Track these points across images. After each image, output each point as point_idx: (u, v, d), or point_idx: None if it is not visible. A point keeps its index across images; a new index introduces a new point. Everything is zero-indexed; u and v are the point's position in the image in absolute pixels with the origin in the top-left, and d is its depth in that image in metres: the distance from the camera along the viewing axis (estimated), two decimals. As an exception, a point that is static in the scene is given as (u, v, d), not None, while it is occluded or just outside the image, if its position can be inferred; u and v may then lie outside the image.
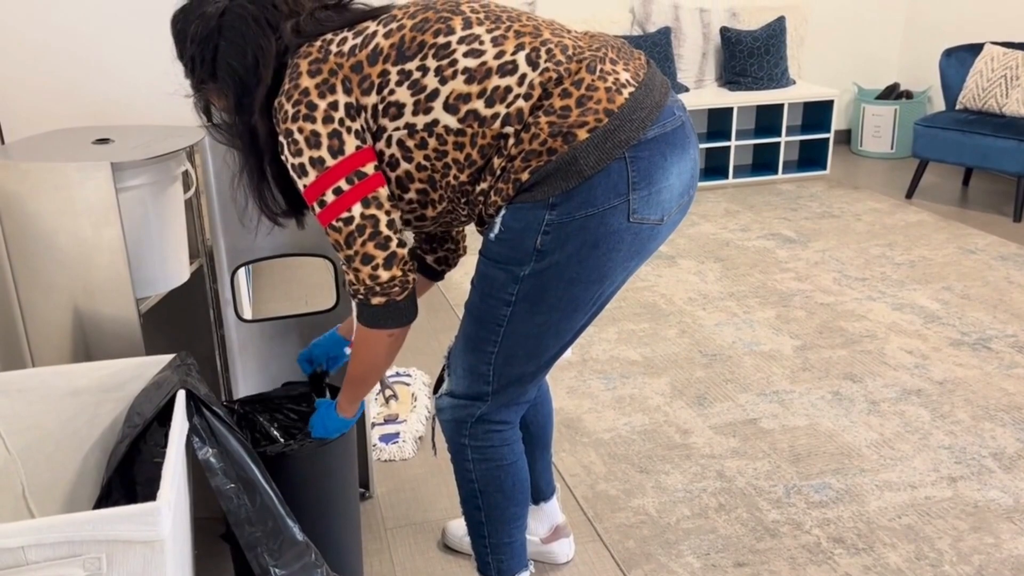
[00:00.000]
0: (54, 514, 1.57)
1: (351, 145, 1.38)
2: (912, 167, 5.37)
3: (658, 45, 4.91)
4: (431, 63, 1.36)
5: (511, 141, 1.36)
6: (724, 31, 5.10)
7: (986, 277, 3.62)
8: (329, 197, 1.38)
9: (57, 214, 1.66)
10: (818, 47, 5.61)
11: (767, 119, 5.19)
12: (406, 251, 1.43)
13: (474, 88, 1.36)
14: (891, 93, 5.54)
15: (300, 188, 1.41)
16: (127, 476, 1.44)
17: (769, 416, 2.59)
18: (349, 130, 1.38)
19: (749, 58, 5.05)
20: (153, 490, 1.37)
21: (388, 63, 1.37)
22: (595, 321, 3.26)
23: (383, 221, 1.40)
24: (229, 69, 1.43)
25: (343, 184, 1.38)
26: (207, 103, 1.55)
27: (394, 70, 1.37)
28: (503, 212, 1.39)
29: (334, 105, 1.37)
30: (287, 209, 1.56)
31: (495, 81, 1.35)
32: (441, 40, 1.37)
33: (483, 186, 1.41)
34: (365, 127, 1.40)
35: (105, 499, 1.45)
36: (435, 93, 1.36)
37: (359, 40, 1.40)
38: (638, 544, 2.05)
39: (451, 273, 3.81)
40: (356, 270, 1.41)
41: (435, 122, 1.37)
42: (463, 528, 2.01)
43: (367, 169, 1.39)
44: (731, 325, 3.22)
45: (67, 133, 1.91)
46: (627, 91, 1.37)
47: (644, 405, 2.67)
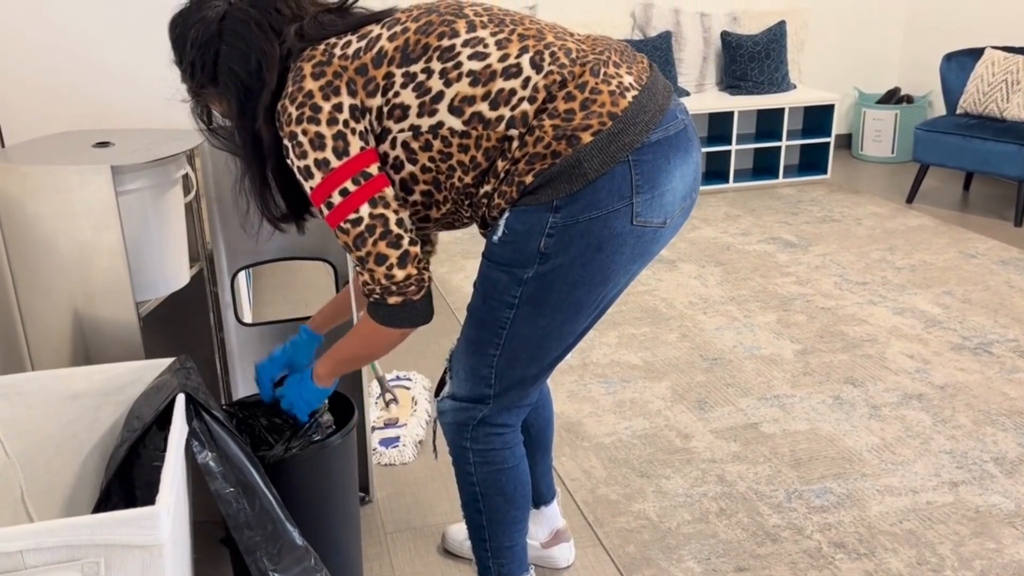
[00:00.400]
0: (53, 518, 1.56)
1: (356, 146, 1.38)
2: (913, 171, 5.37)
3: (659, 49, 4.91)
4: (436, 65, 1.36)
5: (515, 144, 1.36)
6: (725, 35, 5.10)
7: (987, 281, 3.61)
8: (336, 199, 1.38)
9: (57, 217, 1.66)
10: (819, 51, 5.62)
11: (768, 123, 5.19)
12: (419, 249, 1.42)
13: (479, 91, 1.35)
14: (892, 97, 5.54)
15: (307, 191, 1.40)
16: (126, 480, 1.44)
17: (770, 420, 2.58)
18: (354, 132, 1.38)
19: (750, 62, 5.06)
20: (152, 494, 1.36)
21: (393, 65, 1.37)
22: (596, 325, 3.25)
23: (392, 220, 1.39)
24: (231, 74, 1.42)
25: (349, 185, 1.37)
26: (206, 108, 1.55)
27: (399, 72, 1.37)
28: (507, 215, 1.39)
29: (338, 107, 1.37)
30: (288, 213, 1.56)
31: (499, 84, 1.35)
32: (445, 43, 1.37)
33: (487, 189, 1.40)
34: (369, 129, 1.40)
35: (104, 503, 1.45)
36: (440, 95, 1.36)
37: (363, 43, 1.39)
38: (639, 549, 2.04)
39: (452, 277, 3.81)
40: (371, 271, 1.40)
41: (440, 124, 1.37)
42: (463, 532, 2.00)
43: (372, 170, 1.39)
44: (732, 329, 3.22)
45: (67, 136, 1.90)
46: (631, 94, 1.36)
47: (645, 409, 2.67)
